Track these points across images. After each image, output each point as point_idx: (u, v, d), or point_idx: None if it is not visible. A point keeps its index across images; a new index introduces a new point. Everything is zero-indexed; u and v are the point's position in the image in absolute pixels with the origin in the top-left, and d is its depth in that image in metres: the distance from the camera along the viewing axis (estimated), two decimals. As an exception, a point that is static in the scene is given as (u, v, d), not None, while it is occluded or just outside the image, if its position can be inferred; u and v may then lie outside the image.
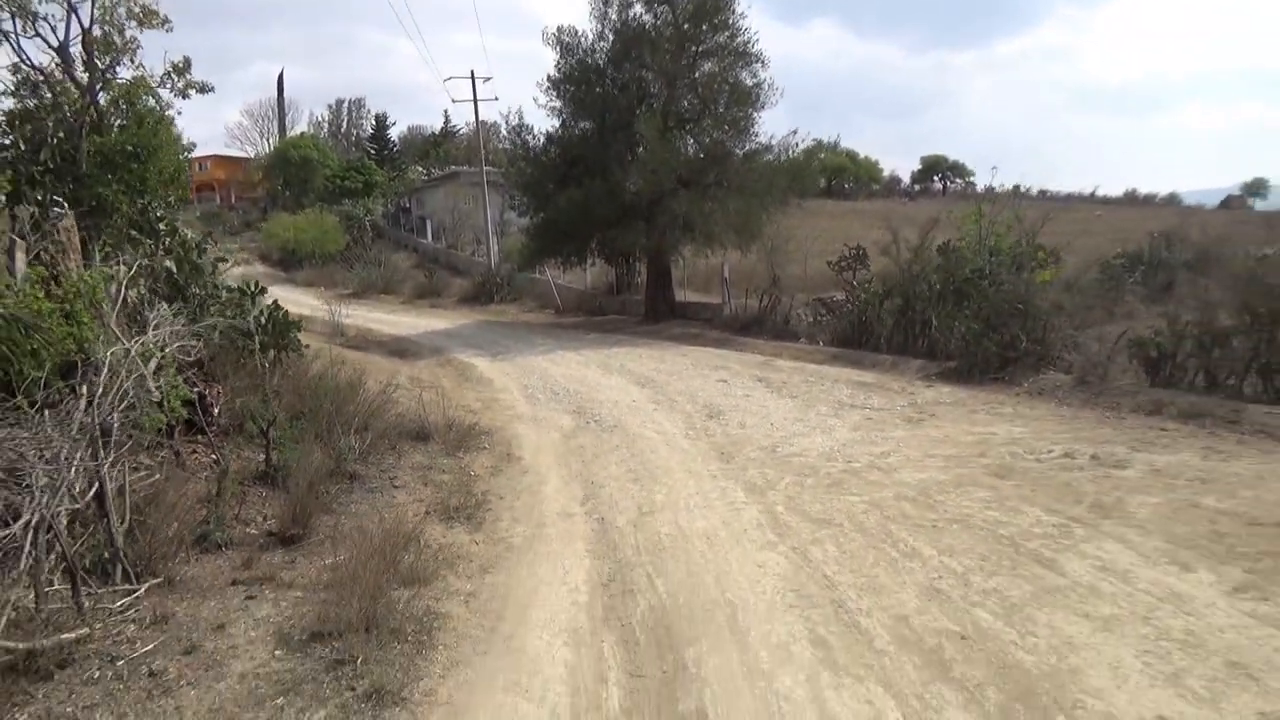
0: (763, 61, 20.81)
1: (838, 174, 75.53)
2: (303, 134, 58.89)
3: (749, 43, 20.69)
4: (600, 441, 9.44)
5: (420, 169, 57.93)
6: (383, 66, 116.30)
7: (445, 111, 79.62)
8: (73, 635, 4.30)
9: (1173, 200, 72.96)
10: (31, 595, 4.34)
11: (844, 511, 6.63)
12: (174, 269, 9.30)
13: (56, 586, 4.64)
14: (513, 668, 4.38)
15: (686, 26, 20.61)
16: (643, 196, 19.31)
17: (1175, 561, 5.36)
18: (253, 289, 9.80)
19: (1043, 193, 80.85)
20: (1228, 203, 65.23)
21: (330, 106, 74.21)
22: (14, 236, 6.54)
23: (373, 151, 63.49)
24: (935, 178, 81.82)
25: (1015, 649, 4.32)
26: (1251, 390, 10.69)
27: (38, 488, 4.75)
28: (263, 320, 9.29)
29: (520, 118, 22.20)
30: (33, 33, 8.43)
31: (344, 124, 73.10)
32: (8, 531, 4.43)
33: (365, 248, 38.13)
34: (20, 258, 6.45)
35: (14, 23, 8.23)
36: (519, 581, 5.54)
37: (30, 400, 5.68)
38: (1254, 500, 6.52)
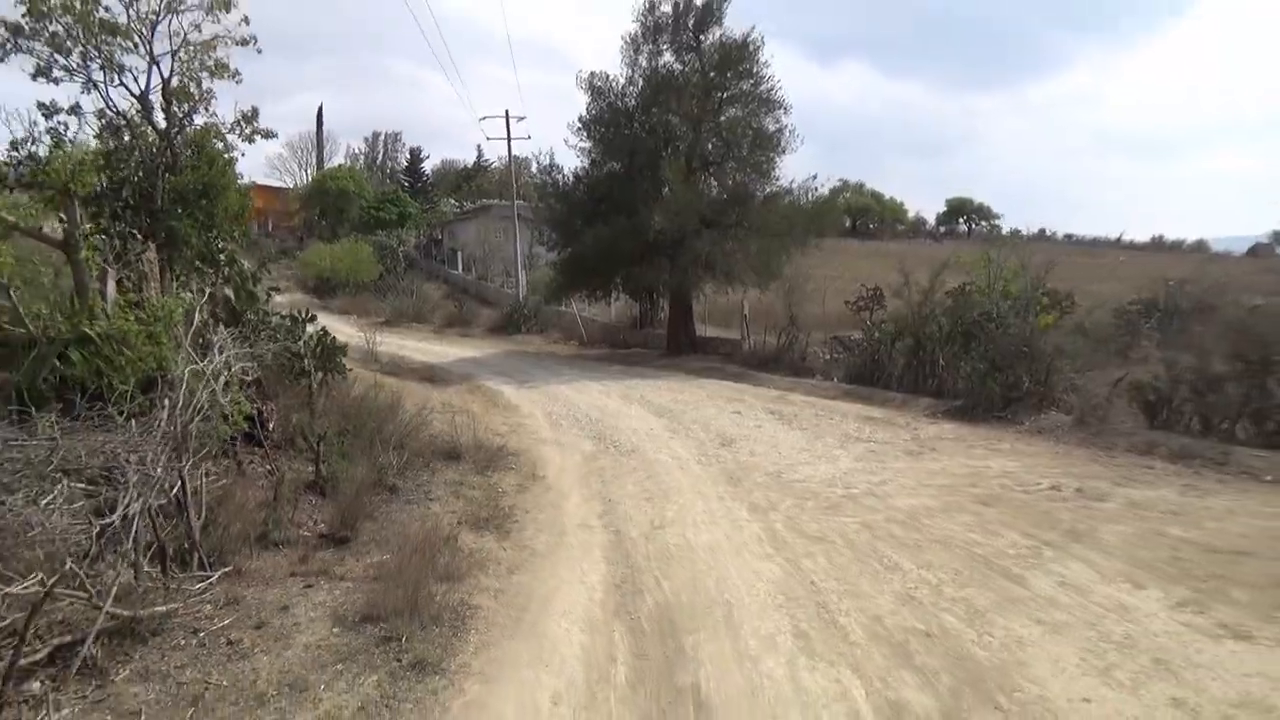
0: (785, 108, 21.75)
1: (862, 214, 76.39)
2: (340, 166, 60.64)
3: (772, 90, 21.64)
4: (618, 464, 10.15)
5: (452, 201, 59.37)
6: (417, 99, 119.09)
7: (479, 146, 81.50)
8: (164, 608, 5.06)
9: (1200, 247, 73.01)
10: (131, 574, 5.10)
11: (837, 530, 7.29)
12: (232, 296, 10.17)
13: (147, 569, 5.40)
14: (535, 648, 5.08)
15: (713, 74, 21.58)
16: (666, 235, 20.14)
17: (1130, 580, 5.98)
18: (303, 316, 10.65)
19: (1068, 236, 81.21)
20: (1255, 250, 65.13)
21: (367, 139, 76.29)
22: (106, 265, 7.41)
23: (407, 184, 65.18)
24: (961, 220, 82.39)
25: (972, 645, 4.97)
26: (1244, 434, 11.25)
27: (131, 484, 5.54)
28: (312, 345, 10.12)
29: (551, 157, 23.30)
30: (118, 82, 9.41)
31: (380, 156, 75.07)
32: (109, 520, 5.20)
33: (398, 278, 39.27)
34: (110, 285, 7.31)
35: (103, 73, 9.21)
36: (541, 581, 6.25)
37: (119, 410, 6.49)
38: (1217, 531, 7.12)
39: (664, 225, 19.96)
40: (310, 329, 10.54)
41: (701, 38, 21.84)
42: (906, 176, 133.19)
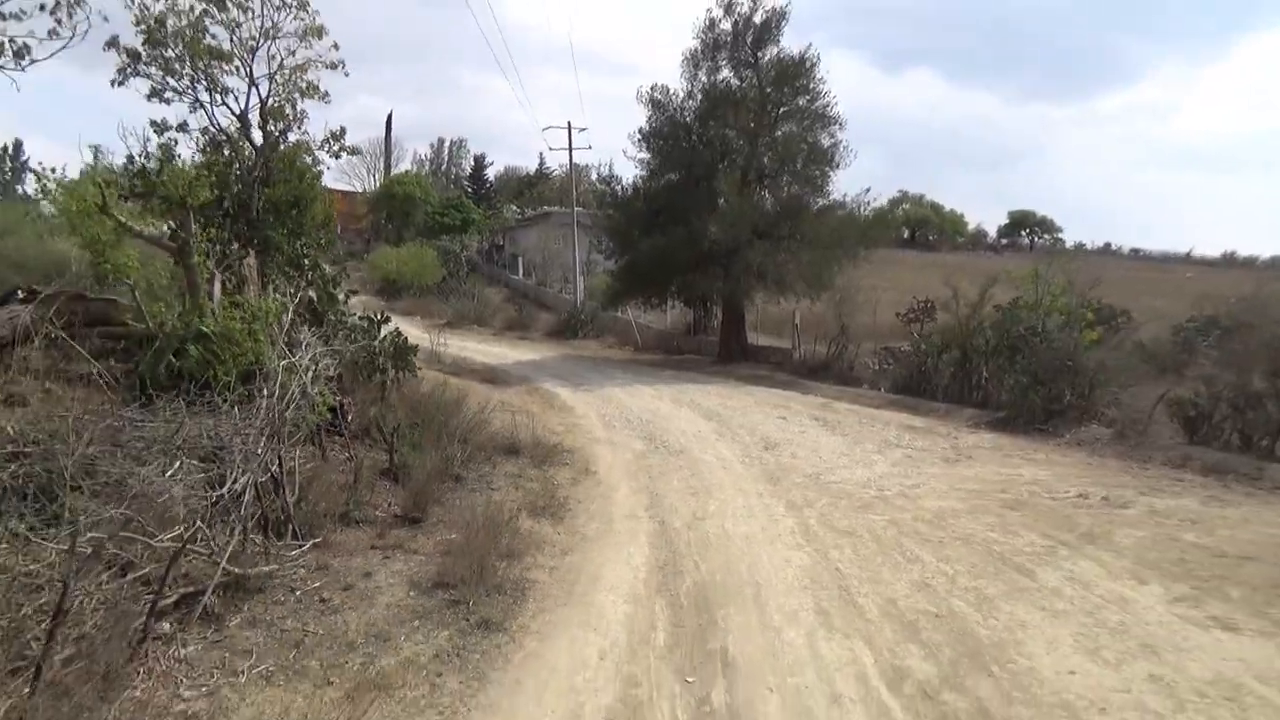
0: (840, 123, 22.25)
1: (921, 226, 75.96)
2: (407, 171, 62.47)
3: (828, 106, 22.16)
4: (666, 463, 10.82)
5: (514, 208, 60.70)
6: (481, 105, 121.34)
7: (540, 154, 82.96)
8: (266, 569, 5.87)
9: (1275, 264, 71.03)
10: (239, 539, 5.91)
11: (866, 527, 7.85)
12: (315, 298, 11.08)
13: (251, 536, 6.22)
14: (584, 614, 5.77)
15: (769, 90, 22.16)
16: (721, 245, 20.74)
17: (1135, 577, 6.46)
18: (379, 318, 11.53)
19: (1135, 251, 79.69)
20: (1328, 267, 63.22)
21: (433, 145, 78.39)
22: (213, 270, 8.33)
23: (470, 190, 66.79)
24: (1023, 233, 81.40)
25: (976, 626, 5.52)
26: None
27: (237, 462, 6.37)
28: (387, 344, 10.98)
29: (610, 168, 24.10)
30: (220, 102, 10.41)
31: (445, 162, 77.00)
32: (222, 491, 6.03)
33: (460, 281, 40.49)
34: (217, 287, 8.22)
35: (208, 94, 10.21)
36: (591, 561, 6.94)
37: (223, 398, 7.36)
38: (1229, 538, 7.53)
39: (719, 235, 20.57)
40: (385, 330, 11.39)
41: (760, 54, 22.42)
42: (970, 188, 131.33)
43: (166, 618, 5.12)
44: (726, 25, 22.52)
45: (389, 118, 73.76)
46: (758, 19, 22.26)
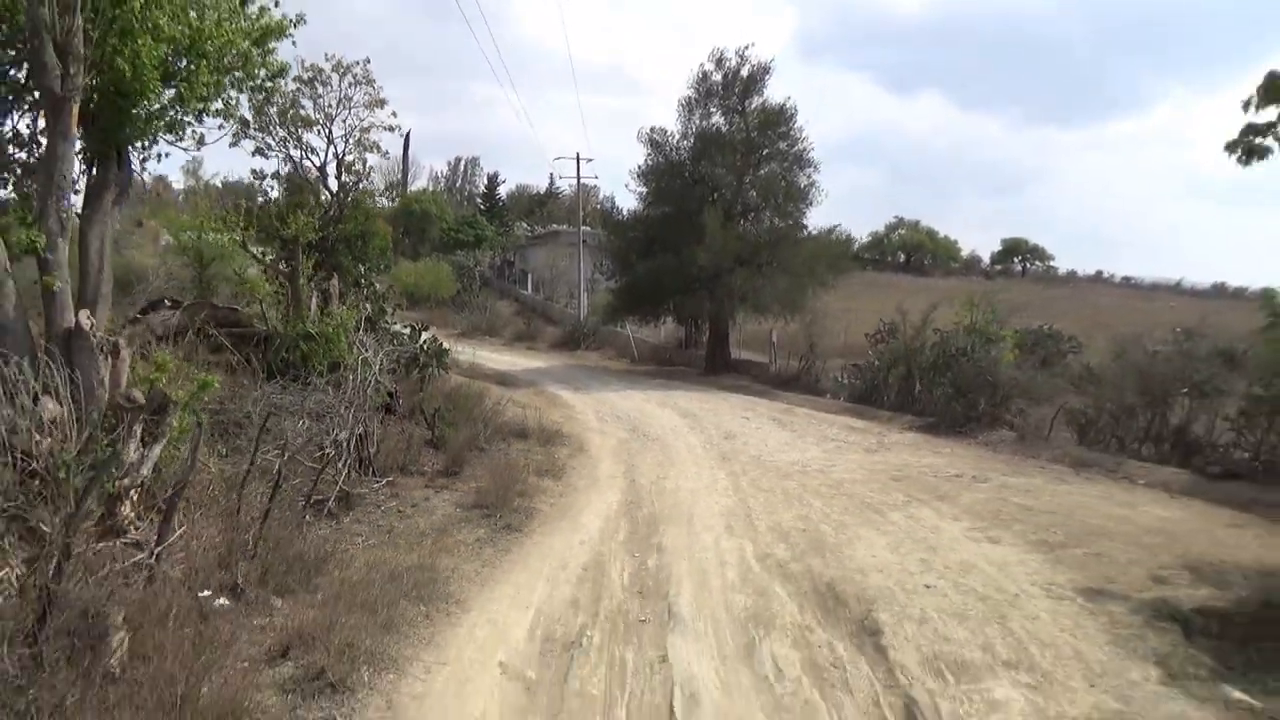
0: (815, 166, 25.36)
1: (916, 250, 78.99)
2: (425, 189, 65.72)
3: (805, 150, 25.25)
4: (643, 446, 13.75)
5: (524, 225, 63.87)
6: (494, 122, 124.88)
7: (551, 175, 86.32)
8: (362, 490, 8.83)
9: (1265, 294, 73.26)
10: (345, 471, 8.87)
11: (781, 487, 10.79)
12: (370, 310, 14.08)
13: (350, 471, 9.16)
14: (573, 525, 8.72)
15: (754, 134, 25.25)
16: (707, 271, 23.73)
17: (954, 518, 9.37)
18: (419, 326, 14.51)
19: (1126, 279, 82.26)
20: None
21: (449, 163, 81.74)
22: (312, 288, 11.35)
23: (484, 208, 70.03)
24: (1015, 259, 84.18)
25: (827, 536, 8.45)
26: (1147, 452, 14.33)
27: (336, 424, 9.34)
28: (425, 347, 13.94)
29: (613, 201, 27.07)
30: (304, 157, 13.48)
31: (459, 179, 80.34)
32: (333, 438, 8.99)
33: (473, 295, 43.54)
34: (315, 301, 11.23)
35: (297, 151, 13.29)
36: (579, 500, 9.89)
37: (319, 381, 10.33)
38: (1044, 501, 10.41)
39: (705, 263, 23.55)
40: (424, 336, 14.37)
41: (746, 103, 25.51)
42: (973, 212, 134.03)
43: (305, 511, 8.07)
44: (718, 77, 25.66)
45: (406, 137, 77.11)
46: (745, 72, 25.39)
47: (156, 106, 7.17)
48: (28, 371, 5.62)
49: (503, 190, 77.26)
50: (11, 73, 6.93)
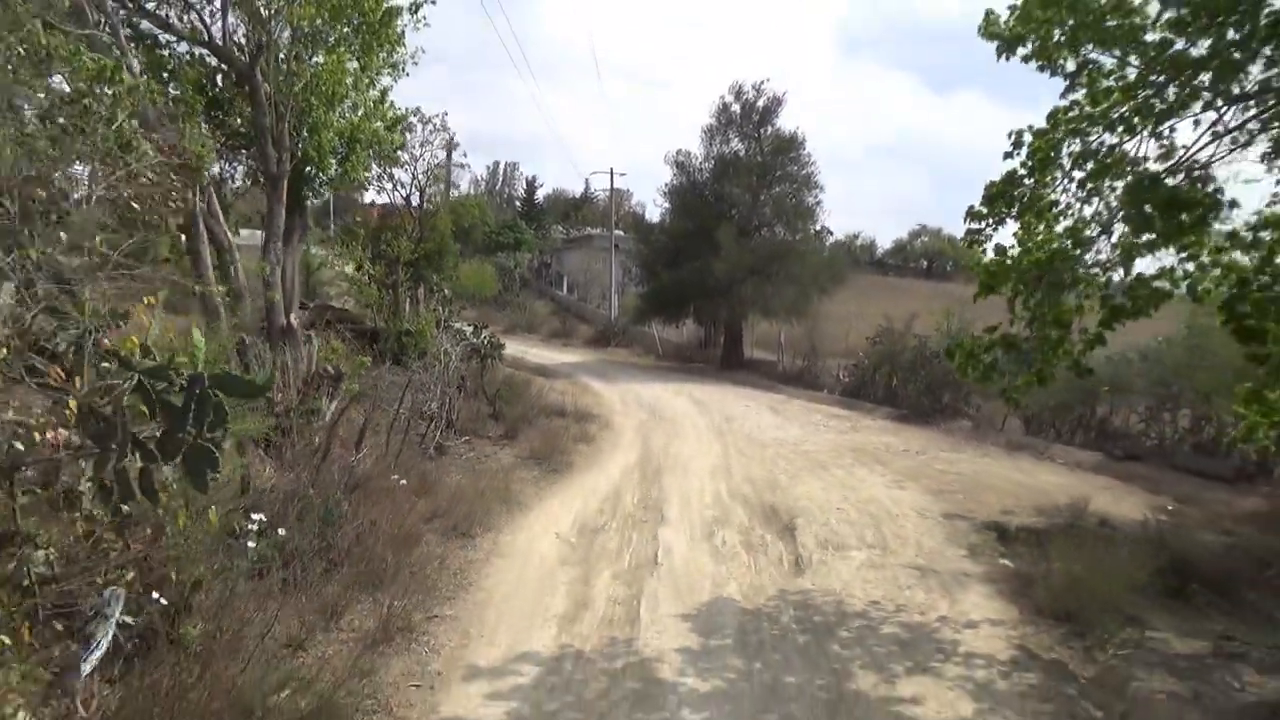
0: (821, 187, 28.61)
1: (937, 257, 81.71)
2: (468, 196, 69.64)
3: (812, 174, 28.54)
4: (658, 425, 17.17)
5: (560, 229, 67.55)
6: (534, 122, 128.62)
7: (586, 180, 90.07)
8: (449, 444, 12.35)
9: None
10: (440, 429, 12.37)
11: (759, 454, 14.15)
12: (441, 311, 17.63)
13: (439, 430, 12.65)
14: (600, 472, 12.19)
15: (768, 158, 28.55)
16: (723, 281, 27.08)
17: (880, 475, 12.69)
18: (479, 325, 18.01)
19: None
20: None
21: (488, 167, 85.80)
22: (407, 295, 14.90)
23: (522, 211, 73.87)
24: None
25: (782, 481, 11.83)
26: (1080, 440, 17.49)
27: (429, 396, 12.84)
28: (486, 341, 17.45)
29: (643, 212, 30.64)
30: (394, 190, 17.07)
31: (499, 183, 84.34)
32: (432, 404, 12.49)
33: (513, 295, 47.20)
34: (408, 305, 14.80)
35: (390, 185, 16.87)
36: (605, 457, 13.35)
37: (414, 365, 13.85)
38: (962, 468, 13.68)
39: (721, 273, 26.91)
40: (484, 332, 17.88)
41: (762, 131, 28.85)
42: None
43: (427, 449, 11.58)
44: (736, 108, 29.02)
45: (449, 143, 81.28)
46: (760, 104, 28.71)
47: (328, 176, 10.75)
48: (266, 353, 9.17)
49: (540, 194, 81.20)
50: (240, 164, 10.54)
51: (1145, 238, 5.74)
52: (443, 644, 5.79)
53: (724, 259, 26.65)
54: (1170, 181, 5.52)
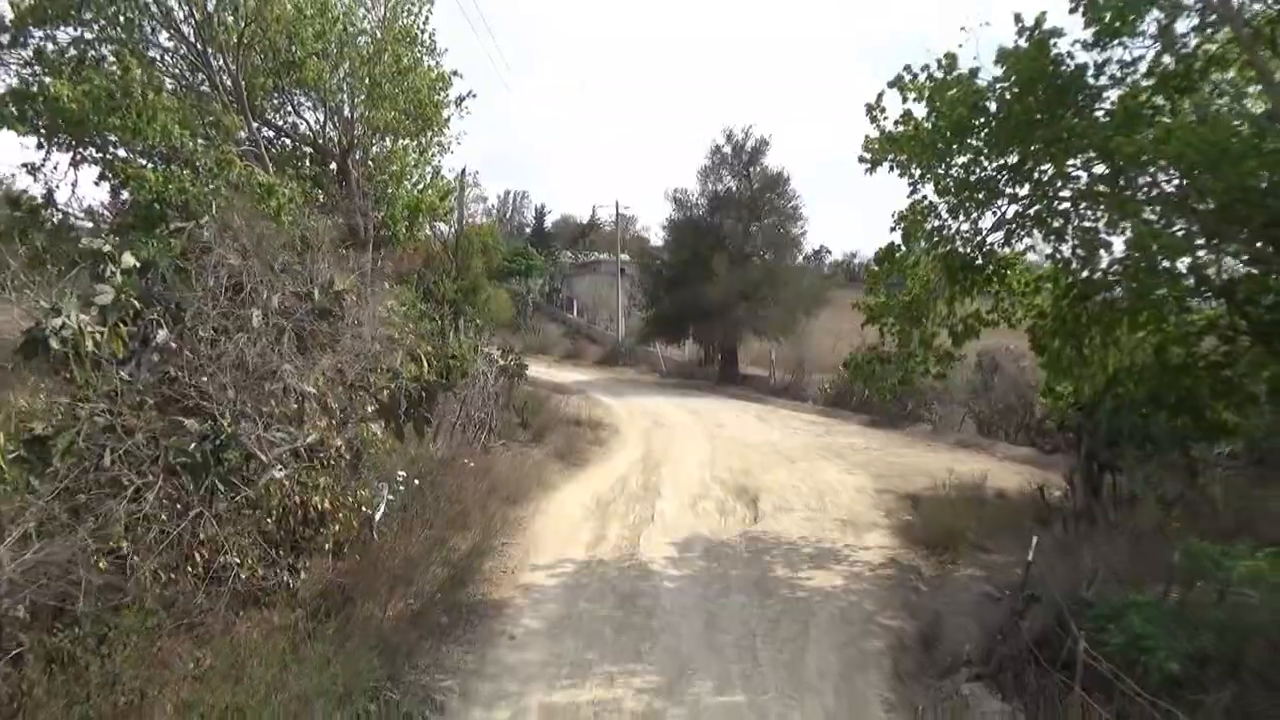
0: (804, 219, 31.93)
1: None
2: (482, 224, 73.22)
3: (797, 208, 31.87)
4: (659, 431, 20.31)
5: (569, 254, 70.99)
6: (541, 151, 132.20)
7: (593, 206, 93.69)
8: (492, 444, 15.56)
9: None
10: (483, 437, 15.56)
11: (741, 452, 17.29)
12: (476, 338, 20.87)
13: (483, 434, 15.84)
14: (610, 465, 15.39)
15: (757, 194, 31.84)
16: (717, 305, 30.29)
17: (835, 465, 15.83)
18: (506, 349, 21.22)
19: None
20: None
21: (499, 196, 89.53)
22: (450, 326, 18.12)
23: (533, 239, 77.40)
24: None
25: (755, 470, 14.97)
26: (1021, 439, 20.58)
27: (475, 407, 16.06)
28: (511, 363, 20.65)
29: (648, 242, 34.02)
30: (432, 238, 20.32)
31: (509, 210, 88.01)
32: (482, 413, 15.70)
33: (526, 318, 50.49)
34: (452, 334, 18.03)
35: (430, 235, 20.12)
36: (614, 456, 16.53)
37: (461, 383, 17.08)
38: (907, 460, 16.78)
39: (715, 298, 30.11)
40: (511, 355, 21.09)
41: (751, 169, 32.16)
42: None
43: (475, 443, 14.78)
44: (727, 149, 32.33)
45: (462, 173, 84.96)
46: (749, 145, 32.06)
47: (398, 238, 14.03)
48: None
49: (549, 220, 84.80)
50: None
51: (956, 289, 8.96)
52: (513, 555, 9.06)
53: (718, 285, 29.85)
54: (963, 251, 8.76)
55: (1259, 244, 7.73)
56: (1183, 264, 7.97)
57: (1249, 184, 6.68)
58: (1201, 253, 7.89)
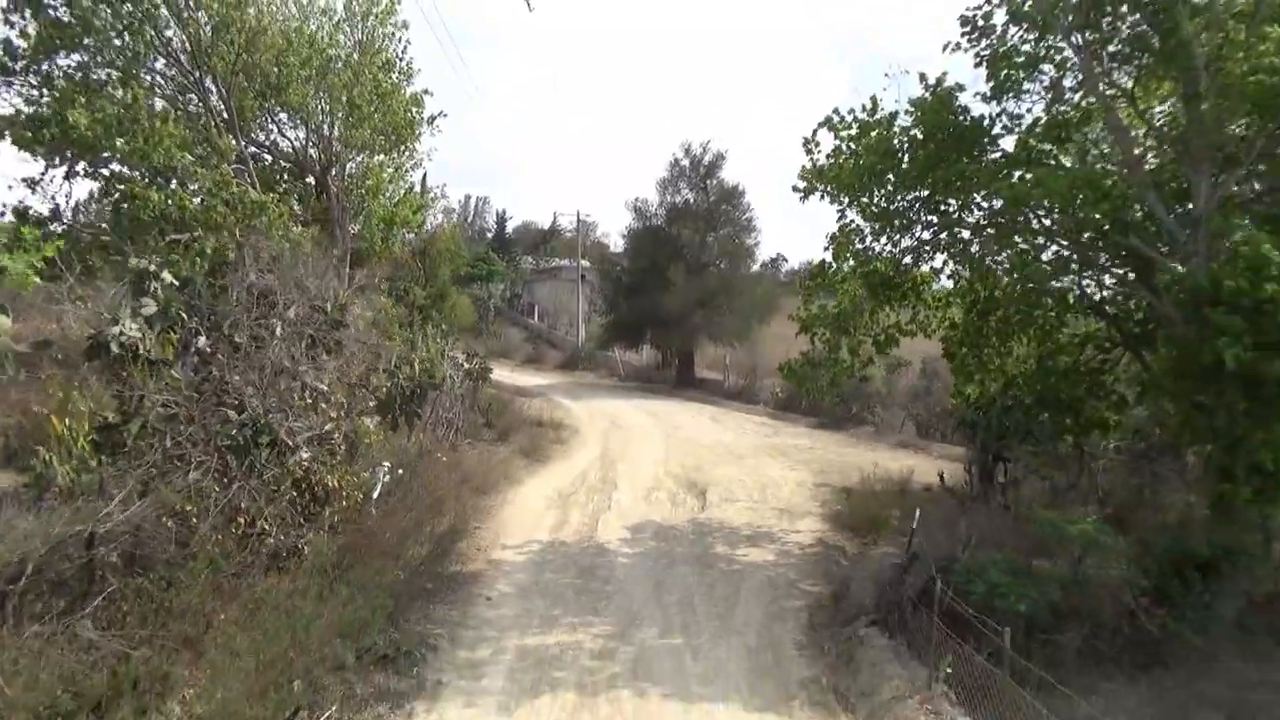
0: (758, 230, 33.41)
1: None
2: (443, 228, 73.85)
3: (751, 220, 33.35)
4: (617, 432, 21.52)
5: (530, 260, 71.96)
6: (502, 156, 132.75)
7: (554, 213, 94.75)
8: (459, 442, 16.66)
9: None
10: (452, 435, 16.64)
11: (694, 451, 18.56)
12: (443, 343, 21.90)
13: (453, 435, 16.91)
14: (570, 462, 16.58)
15: (713, 206, 33.22)
16: (674, 311, 31.58)
17: (781, 463, 17.17)
18: (471, 354, 22.28)
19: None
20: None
21: (460, 201, 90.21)
22: (421, 332, 19.17)
23: (497, 246, 78.25)
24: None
25: (706, 466, 16.26)
26: (956, 439, 22.09)
27: (445, 406, 17.14)
28: (476, 367, 21.72)
29: (607, 248, 35.16)
30: (403, 247, 21.35)
31: (470, 216, 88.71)
32: (448, 415, 16.78)
33: (488, 323, 51.39)
34: (422, 340, 19.08)
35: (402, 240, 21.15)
36: (574, 454, 17.71)
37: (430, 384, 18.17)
38: (847, 458, 18.19)
39: (673, 304, 31.40)
40: (476, 360, 22.15)
41: (708, 182, 33.54)
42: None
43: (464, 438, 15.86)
44: (685, 162, 33.68)
45: (423, 179, 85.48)
46: (706, 159, 33.44)
47: (375, 249, 15.08)
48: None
49: (509, 226, 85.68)
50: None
51: (878, 303, 10.34)
52: (484, 537, 10.28)
53: (676, 293, 31.16)
54: (884, 270, 10.15)
55: (1124, 270, 9.19)
56: (1066, 284, 9.44)
57: (1116, 219, 8.10)
58: (1076, 277, 9.34)
